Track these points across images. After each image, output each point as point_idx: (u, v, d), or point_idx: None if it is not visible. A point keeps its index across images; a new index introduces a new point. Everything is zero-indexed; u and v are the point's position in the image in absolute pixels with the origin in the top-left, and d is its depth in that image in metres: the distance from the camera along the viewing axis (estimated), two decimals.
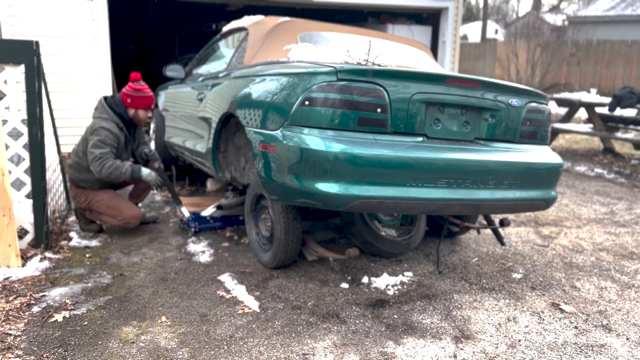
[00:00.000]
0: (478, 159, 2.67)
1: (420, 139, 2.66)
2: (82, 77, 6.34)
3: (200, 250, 3.47)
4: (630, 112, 7.87)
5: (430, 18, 9.48)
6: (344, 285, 3.00)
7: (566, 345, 2.43)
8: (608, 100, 7.57)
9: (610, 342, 2.48)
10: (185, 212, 3.86)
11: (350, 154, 2.40)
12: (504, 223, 3.38)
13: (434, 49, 9.09)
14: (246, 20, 3.98)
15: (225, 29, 4.36)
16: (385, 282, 3.04)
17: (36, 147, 3.19)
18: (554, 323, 2.65)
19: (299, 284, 2.99)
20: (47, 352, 2.22)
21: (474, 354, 2.33)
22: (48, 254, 3.23)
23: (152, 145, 5.25)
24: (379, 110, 2.53)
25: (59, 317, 2.50)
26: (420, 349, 2.35)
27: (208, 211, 3.92)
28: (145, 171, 3.57)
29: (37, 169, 3.21)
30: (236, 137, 3.58)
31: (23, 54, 3.14)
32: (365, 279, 3.07)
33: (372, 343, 2.38)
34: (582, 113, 10.03)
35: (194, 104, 4.00)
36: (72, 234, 3.67)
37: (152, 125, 5.39)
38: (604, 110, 7.67)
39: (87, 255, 3.31)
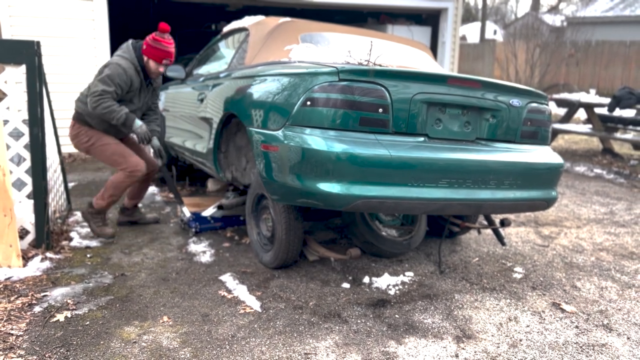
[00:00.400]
0: (479, 159, 2.68)
1: (422, 139, 2.66)
2: (82, 77, 6.34)
3: (201, 250, 3.48)
4: (629, 113, 7.89)
5: (430, 19, 9.50)
6: (345, 285, 3.00)
7: (567, 345, 2.44)
8: (607, 100, 7.59)
9: (611, 341, 2.49)
10: (186, 212, 3.86)
11: (351, 154, 2.41)
12: (504, 223, 3.39)
13: (434, 50, 9.11)
14: (247, 21, 3.98)
15: (226, 29, 4.36)
16: (386, 282, 3.04)
17: (37, 148, 3.19)
18: (555, 323, 2.66)
19: (300, 284, 2.99)
20: (49, 352, 2.22)
21: (476, 354, 2.33)
22: (49, 254, 3.23)
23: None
24: (380, 110, 2.53)
25: (60, 317, 2.50)
26: (422, 348, 2.36)
27: (209, 211, 3.92)
28: (138, 122, 3.44)
29: (38, 169, 3.21)
30: (237, 137, 3.58)
31: (24, 54, 3.14)
32: (366, 279, 3.07)
33: (373, 343, 2.39)
34: (581, 113, 10.05)
35: (194, 105, 4.01)
36: (73, 234, 3.67)
37: None
38: (603, 111, 7.69)
39: (88, 256, 3.31)
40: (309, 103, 2.53)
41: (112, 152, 3.47)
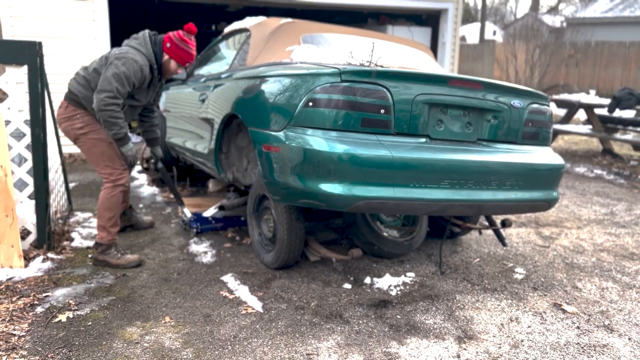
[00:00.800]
0: (480, 160, 2.69)
1: (423, 139, 2.67)
2: None
3: (203, 250, 3.48)
4: (629, 114, 7.90)
5: (430, 19, 9.51)
6: (347, 285, 3.00)
7: (569, 346, 2.44)
8: (607, 101, 7.60)
9: (612, 342, 2.49)
10: (187, 212, 3.86)
11: (353, 155, 2.41)
12: (505, 224, 3.39)
13: (434, 50, 9.12)
14: (248, 22, 3.99)
15: (227, 30, 4.36)
16: (387, 282, 3.05)
17: (39, 148, 3.19)
18: (556, 323, 2.66)
19: (301, 284, 2.99)
20: (52, 352, 2.22)
21: (477, 354, 2.33)
22: (50, 255, 3.23)
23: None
24: (382, 111, 2.53)
25: (62, 317, 2.51)
26: (423, 349, 2.36)
27: (210, 212, 3.92)
28: (130, 145, 3.19)
29: (40, 170, 3.21)
30: (238, 138, 3.58)
31: (26, 54, 3.15)
32: (367, 280, 3.07)
33: (375, 343, 2.39)
34: (581, 114, 10.06)
35: (195, 105, 4.01)
36: (74, 235, 3.67)
37: None
38: (603, 112, 7.70)
39: (90, 256, 3.31)
40: (310, 104, 2.54)
41: (103, 151, 3.16)
